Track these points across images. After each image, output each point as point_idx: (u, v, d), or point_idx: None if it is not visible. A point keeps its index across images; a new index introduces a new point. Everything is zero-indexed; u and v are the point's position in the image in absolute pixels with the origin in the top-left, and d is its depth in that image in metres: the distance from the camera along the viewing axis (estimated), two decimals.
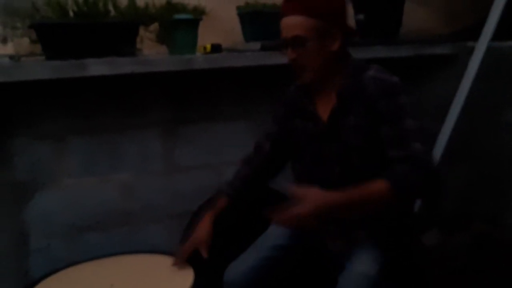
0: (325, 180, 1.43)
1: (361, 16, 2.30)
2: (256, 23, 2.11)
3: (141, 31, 1.89)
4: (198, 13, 1.95)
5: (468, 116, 2.14)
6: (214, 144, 2.12)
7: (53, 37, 1.69)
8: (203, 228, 1.56)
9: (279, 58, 1.87)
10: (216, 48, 1.94)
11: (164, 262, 1.65)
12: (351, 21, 2.34)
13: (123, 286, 1.52)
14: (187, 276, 1.54)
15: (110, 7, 1.76)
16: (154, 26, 1.94)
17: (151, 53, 2.02)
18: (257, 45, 1.97)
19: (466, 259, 1.88)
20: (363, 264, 1.33)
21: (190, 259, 1.59)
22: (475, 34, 2.16)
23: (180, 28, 1.90)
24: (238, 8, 2.17)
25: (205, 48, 1.95)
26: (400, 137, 1.31)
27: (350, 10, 2.35)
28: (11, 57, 1.78)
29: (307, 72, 1.38)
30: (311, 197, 1.24)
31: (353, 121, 1.36)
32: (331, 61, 1.37)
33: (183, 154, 2.07)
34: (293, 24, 1.33)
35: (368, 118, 1.34)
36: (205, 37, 2.01)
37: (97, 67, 1.68)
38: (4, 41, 1.83)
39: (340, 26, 1.37)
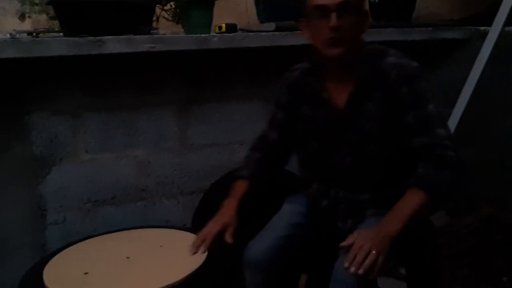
0: (334, 169, 1.43)
1: None
2: (270, 4, 2.11)
3: (157, 10, 1.90)
4: None
5: (479, 101, 2.14)
6: (227, 123, 2.14)
7: (71, 14, 1.71)
8: (229, 211, 1.48)
9: (294, 39, 1.90)
10: (231, 28, 1.95)
11: (178, 236, 1.68)
12: (365, 3, 2.34)
13: (139, 259, 1.55)
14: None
15: None
16: (170, 5, 1.96)
17: (167, 32, 2.03)
18: (271, 25, 1.97)
19: (474, 242, 1.90)
20: None
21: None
22: (488, 20, 2.16)
23: (195, 8, 1.91)
24: None
25: (220, 27, 1.96)
26: (425, 123, 1.30)
27: None
28: (29, 33, 1.80)
29: (345, 45, 1.30)
30: (367, 238, 1.21)
31: (372, 109, 1.34)
32: (359, 40, 1.35)
33: (196, 132, 2.09)
34: None
35: (389, 106, 1.32)
36: (219, 17, 2.03)
37: (114, 45, 1.69)
38: (22, 17, 1.85)
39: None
